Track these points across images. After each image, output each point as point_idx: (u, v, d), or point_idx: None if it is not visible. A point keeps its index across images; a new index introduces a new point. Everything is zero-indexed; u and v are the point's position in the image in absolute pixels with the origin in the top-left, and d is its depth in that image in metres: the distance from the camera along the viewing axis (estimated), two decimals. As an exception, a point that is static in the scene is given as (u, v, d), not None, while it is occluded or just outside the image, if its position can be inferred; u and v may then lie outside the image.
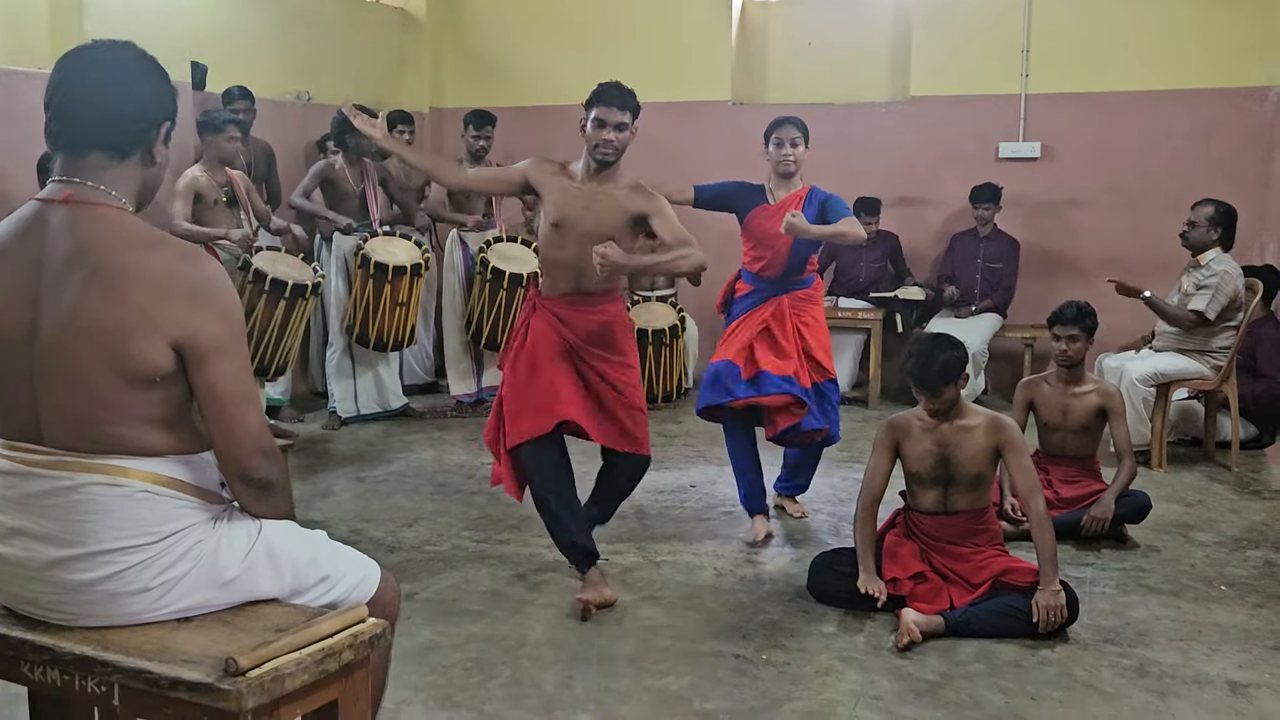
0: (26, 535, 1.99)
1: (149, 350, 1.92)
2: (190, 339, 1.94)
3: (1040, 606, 3.58)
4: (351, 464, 5.88)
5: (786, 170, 4.66)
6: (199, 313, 1.95)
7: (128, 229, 1.98)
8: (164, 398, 1.99)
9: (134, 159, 2.05)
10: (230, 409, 1.99)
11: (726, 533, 4.75)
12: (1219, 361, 5.82)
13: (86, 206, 1.98)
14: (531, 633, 3.68)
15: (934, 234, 7.92)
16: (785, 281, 4.69)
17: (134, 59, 2.06)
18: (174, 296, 1.93)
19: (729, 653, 3.53)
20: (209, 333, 1.95)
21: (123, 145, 2.03)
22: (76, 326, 1.92)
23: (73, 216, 1.97)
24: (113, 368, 1.92)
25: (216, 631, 1.99)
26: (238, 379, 2.00)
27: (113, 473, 1.97)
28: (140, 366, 1.93)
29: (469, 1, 8.95)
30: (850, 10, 8.45)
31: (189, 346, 1.95)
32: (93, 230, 1.96)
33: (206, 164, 5.91)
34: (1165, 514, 4.97)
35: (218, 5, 7.00)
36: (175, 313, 1.93)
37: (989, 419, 3.83)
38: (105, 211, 1.98)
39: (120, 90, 2.02)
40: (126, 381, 1.94)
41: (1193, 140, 7.33)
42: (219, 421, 2.00)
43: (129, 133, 2.03)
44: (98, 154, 2.02)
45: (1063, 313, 4.75)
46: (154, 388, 1.96)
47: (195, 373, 1.97)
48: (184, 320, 1.93)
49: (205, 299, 1.96)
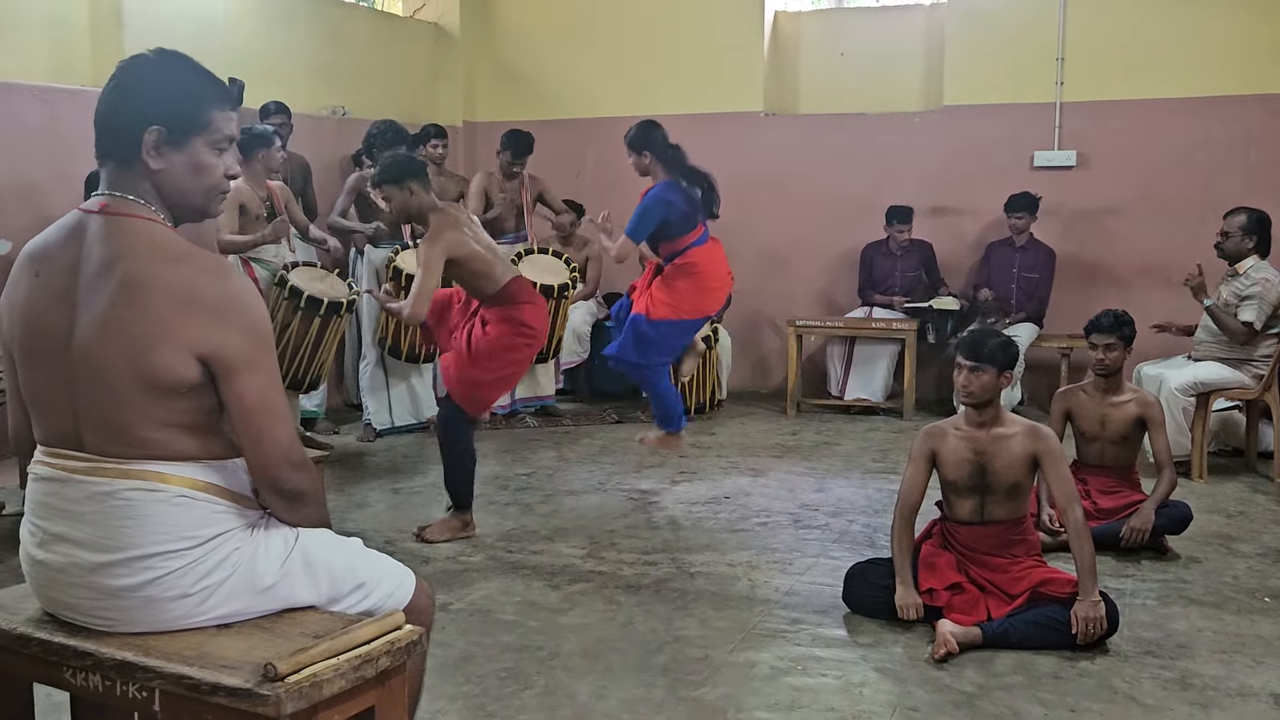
0: (67, 541, 2.01)
1: (173, 361, 1.93)
2: (215, 352, 1.95)
3: (1079, 618, 3.54)
4: (386, 475, 5.91)
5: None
6: (223, 326, 1.95)
7: (156, 240, 1.99)
8: (194, 406, 2.00)
9: (137, 168, 2.03)
10: (258, 421, 2.00)
11: (760, 543, 4.73)
12: (1260, 370, 5.74)
13: (120, 218, 2.00)
14: (566, 643, 3.68)
15: (969, 244, 7.87)
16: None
17: (148, 63, 2.06)
18: (197, 310, 1.94)
19: (764, 663, 3.52)
20: (233, 346, 1.96)
21: (121, 154, 2.03)
22: (106, 334, 1.94)
23: (107, 227, 1.99)
24: (139, 376, 1.94)
25: (255, 638, 2.01)
26: (264, 393, 2.01)
27: (150, 478, 1.99)
28: (165, 377, 1.94)
29: (502, 16, 9.02)
30: (883, 20, 8.44)
31: (214, 359, 1.96)
32: (124, 241, 1.97)
33: (250, 178, 5.98)
34: (1206, 525, 4.90)
35: (255, 22, 7.09)
36: (198, 326, 1.94)
37: (1027, 428, 3.80)
38: (136, 223, 2.00)
39: (116, 98, 2.03)
40: (153, 390, 1.95)
41: (1230, 147, 7.25)
42: (247, 433, 2.01)
43: (120, 140, 2.02)
44: (111, 164, 2.05)
45: (1100, 321, 4.71)
46: (181, 397, 1.98)
47: (222, 385, 1.98)
48: (208, 334, 1.94)
49: (230, 313, 1.97)
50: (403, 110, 8.10)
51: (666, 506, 5.30)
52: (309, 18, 7.63)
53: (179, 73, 2.07)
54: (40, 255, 2.05)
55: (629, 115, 8.44)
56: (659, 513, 5.21)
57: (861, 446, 6.47)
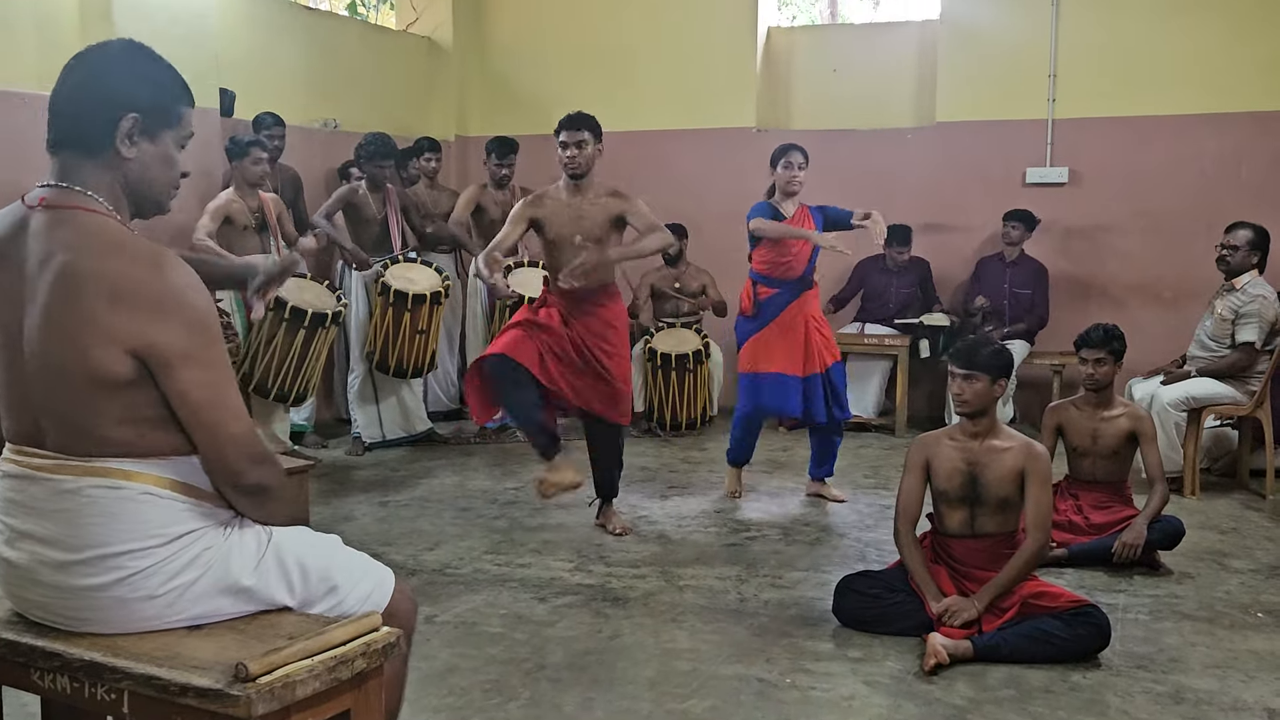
0: (33, 539, 1.97)
1: (104, 357, 1.88)
2: (148, 348, 1.88)
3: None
4: (374, 489, 5.86)
5: (793, 189, 5.45)
6: (158, 321, 1.88)
7: (95, 233, 1.92)
8: (144, 400, 1.94)
9: (104, 157, 1.98)
10: (206, 416, 1.94)
11: (750, 557, 4.69)
12: (1253, 387, 5.72)
13: (60, 210, 1.95)
14: (552, 655, 3.63)
15: (962, 260, 7.86)
16: (804, 280, 5.45)
17: (118, 52, 2.04)
18: (130, 304, 1.87)
19: (753, 676, 3.47)
20: (169, 341, 1.88)
21: (86, 141, 1.97)
22: (48, 331, 1.90)
23: (47, 220, 1.95)
24: (82, 373, 1.90)
25: (227, 639, 1.96)
26: (210, 387, 1.93)
27: (114, 475, 1.95)
28: (101, 372, 1.89)
29: (495, 30, 9.02)
30: (875, 36, 8.47)
31: (148, 355, 1.89)
32: (62, 234, 1.92)
33: (238, 189, 6.02)
34: (1199, 541, 4.87)
35: (247, 33, 7.08)
36: (130, 321, 1.87)
37: (1023, 443, 3.77)
38: (76, 215, 1.94)
39: (84, 84, 1.99)
40: (99, 387, 1.90)
41: (1222, 164, 7.26)
42: (198, 430, 1.95)
43: (88, 127, 1.97)
44: (67, 153, 1.99)
45: (1090, 336, 4.69)
46: (124, 391, 1.91)
47: (162, 381, 1.91)
48: (141, 329, 1.87)
49: (167, 307, 1.89)
50: (394, 123, 8.08)
51: (656, 520, 5.26)
52: (301, 30, 7.62)
53: (152, 65, 2.06)
54: None
55: (622, 130, 8.48)
56: (649, 526, 5.16)
57: (853, 463, 6.43)
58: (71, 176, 1.98)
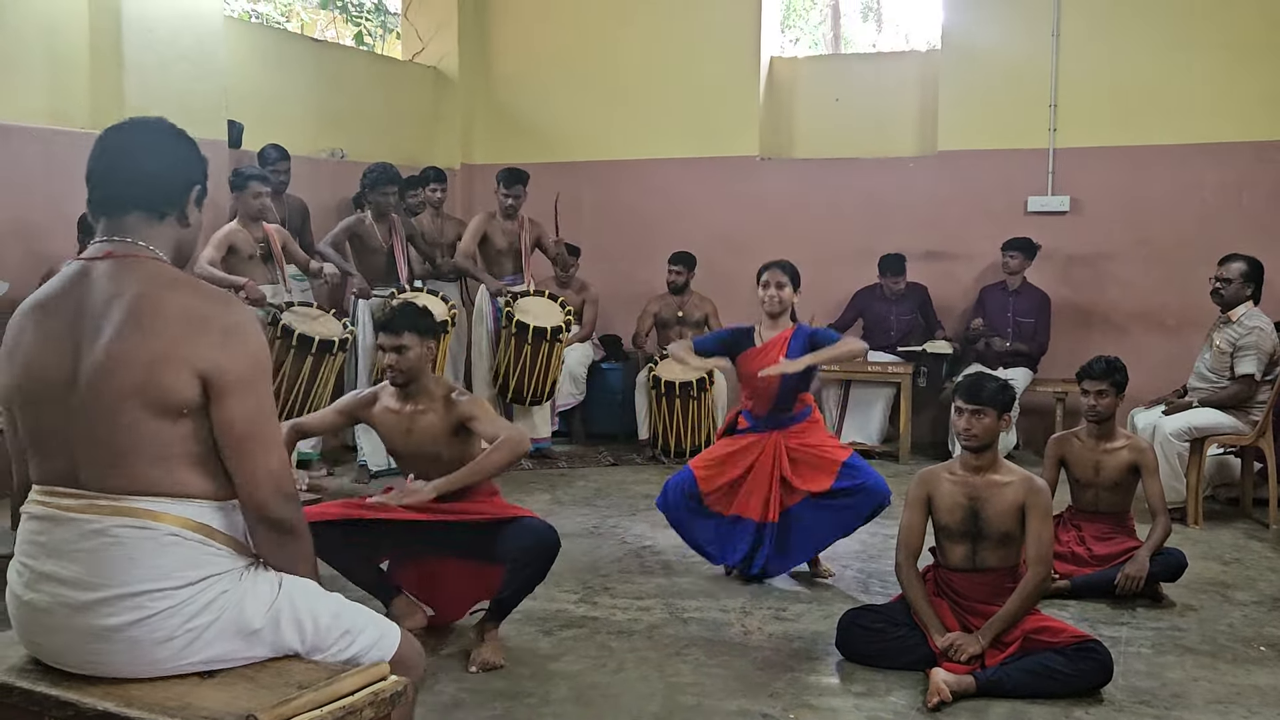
0: (54, 580, 2.02)
1: (176, 381, 2.00)
2: (216, 373, 2.02)
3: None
4: (379, 518, 5.87)
5: (773, 310, 4.94)
6: (227, 350, 2.03)
7: (164, 274, 2.10)
8: (193, 434, 2.04)
9: (170, 219, 2.17)
10: (247, 446, 2.06)
11: (754, 589, 4.70)
12: (1255, 417, 5.74)
13: (128, 259, 2.09)
14: (556, 690, 3.65)
15: (964, 289, 7.90)
16: (775, 418, 4.84)
17: (168, 129, 2.23)
18: (205, 332, 2.02)
19: (756, 711, 3.49)
20: (233, 370, 2.03)
21: (159, 205, 2.15)
22: (112, 363, 1.99)
23: (114, 266, 2.08)
24: (143, 400, 1.99)
25: (239, 688, 1.99)
26: (255, 420, 2.07)
27: (141, 515, 2.01)
28: (168, 397, 2.00)
29: (500, 60, 9.09)
30: (878, 66, 8.53)
31: (212, 380, 2.02)
32: (132, 274, 2.07)
33: (242, 220, 6.09)
34: (1202, 572, 4.88)
35: (254, 65, 7.15)
36: (205, 347, 2.01)
37: (1024, 478, 3.80)
38: (144, 262, 2.10)
39: (156, 155, 2.17)
40: (156, 415, 2.00)
41: (1223, 194, 7.30)
42: (237, 459, 2.06)
43: (164, 193, 2.16)
44: (136, 214, 2.13)
45: (1091, 368, 4.72)
46: (182, 421, 2.02)
47: (215, 407, 2.04)
48: (213, 355, 2.02)
49: (235, 339, 2.05)
50: (401, 153, 8.15)
51: (661, 551, 5.28)
52: (308, 61, 7.70)
53: (188, 137, 2.25)
54: (41, 305, 2.12)
55: (626, 159, 8.58)
56: (653, 557, 5.18)
57: (857, 490, 6.43)
58: (134, 234, 2.13)
